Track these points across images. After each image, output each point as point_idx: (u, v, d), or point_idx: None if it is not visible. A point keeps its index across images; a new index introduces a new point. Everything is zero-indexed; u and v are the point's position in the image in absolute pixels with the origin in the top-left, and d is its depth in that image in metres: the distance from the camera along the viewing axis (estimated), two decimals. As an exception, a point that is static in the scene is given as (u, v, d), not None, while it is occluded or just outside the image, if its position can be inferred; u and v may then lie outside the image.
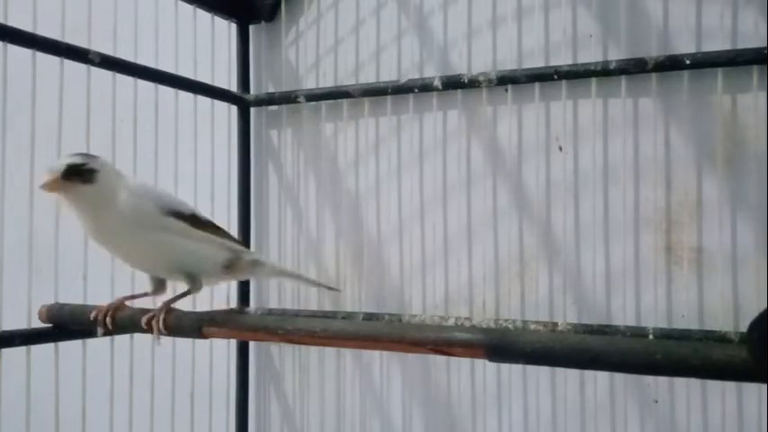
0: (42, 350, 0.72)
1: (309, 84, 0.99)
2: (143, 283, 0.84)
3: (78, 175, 0.63)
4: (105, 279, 0.80)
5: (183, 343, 0.83)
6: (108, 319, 0.68)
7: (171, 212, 0.67)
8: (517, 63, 0.86)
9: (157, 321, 0.65)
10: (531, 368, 0.84)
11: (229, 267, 0.71)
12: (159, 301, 0.69)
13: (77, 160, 0.64)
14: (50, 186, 0.63)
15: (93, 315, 0.69)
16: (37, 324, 0.72)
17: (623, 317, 0.80)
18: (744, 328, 0.45)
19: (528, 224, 0.86)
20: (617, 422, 0.81)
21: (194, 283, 0.69)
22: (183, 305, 0.87)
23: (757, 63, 0.74)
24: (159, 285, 0.72)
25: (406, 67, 0.93)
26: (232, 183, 0.99)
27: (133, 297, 0.71)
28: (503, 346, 0.53)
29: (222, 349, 0.96)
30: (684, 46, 0.79)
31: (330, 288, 0.89)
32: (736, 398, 0.76)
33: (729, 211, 0.77)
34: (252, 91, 1.02)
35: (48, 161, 0.74)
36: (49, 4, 0.75)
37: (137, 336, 0.79)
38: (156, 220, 0.66)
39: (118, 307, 0.69)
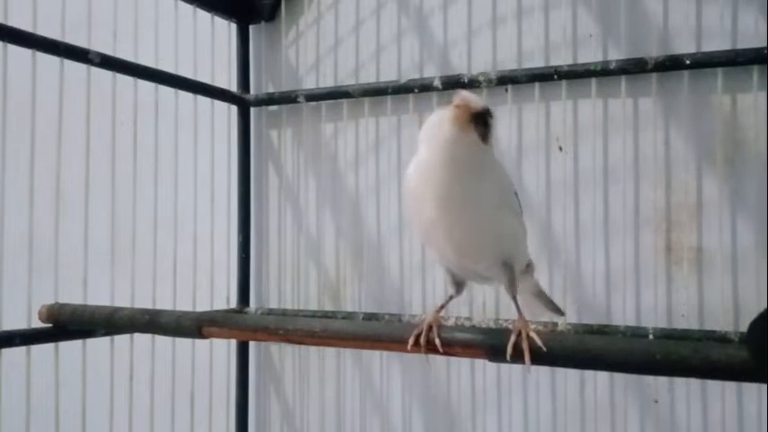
0: (42, 350, 0.72)
1: (309, 84, 0.99)
2: (144, 283, 0.85)
3: (484, 126, 0.53)
4: (105, 279, 0.80)
5: (183, 343, 0.83)
6: (438, 341, 0.55)
7: (513, 191, 0.58)
8: (517, 63, 0.86)
9: (529, 343, 0.52)
10: (532, 368, 0.83)
11: (527, 267, 0.61)
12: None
13: (489, 112, 0.54)
14: (462, 120, 0.52)
15: (412, 341, 0.55)
16: (37, 324, 0.72)
17: (623, 317, 0.80)
18: (744, 328, 0.45)
19: (528, 224, 0.85)
20: (617, 422, 0.81)
21: (511, 279, 0.57)
22: (184, 305, 0.88)
23: (757, 63, 0.74)
24: (460, 287, 0.61)
25: (406, 67, 0.93)
26: (232, 183, 0.99)
27: (442, 306, 0.60)
28: (503, 346, 0.53)
29: (222, 349, 0.96)
30: (684, 46, 0.79)
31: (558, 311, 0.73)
32: (736, 398, 0.76)
33: (729, 211, 0.77)
34: (252, 91, 1.02)
35: (47, 162, 0.74)
36: (49, 4, 0.75)
37: (136, 336, 0.79)
38: (510, 200, 0.57)
39: (438, 323, 0.56)
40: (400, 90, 0.90)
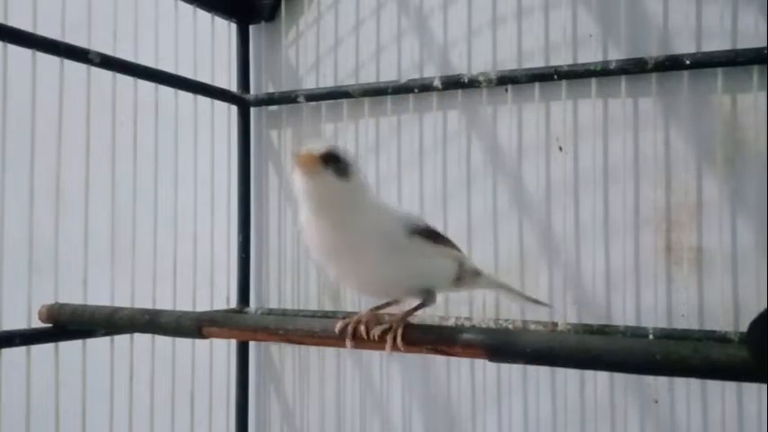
0: (42, 350, 0.72)
1: (309, 84, 0.99)
2: (144, 283, 0.85)
3: (335, 163, 0.55)
4: (105, 279, 0.80)
5: (183, 343, 0.83)
6: (362, 327, 0.59)
7: (413, 231, 0.59)
8: (517, 63, 0.86)
9: (394, 335, 0.57)
10: (531, 368, 0.84)
11: (458, 280, 0.64)
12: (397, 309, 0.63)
13: (337, 150, 0.56)
14: (308, 165, 0.54)
15: (339, 327, 0.59)
16: (37, 324, 0.72)
17: (623, 317, 0.80)
18: (744, 328, 0.45)
19: (528, 224, 0.86)
20: (617, 422, 0.81)
21: (430, 296, 0.62)
22: (184, 305, 0.88)
23: (757, 63, 0.74)
24: None
25: (406, 67, 0.93)
26: (232, 183, 0.99)
27: (379, 308, 0.63)
28: (503, 346, 0.53)
29: (222, 349, 0.96)
30: (684, 46, 0.79)
31: (541, 303, 0.75)
32: (736, 398, 0.76)
33: (729, 211, 0.77)
34: (252, 91, 1.02)
35: (47, 162, 0.74)
36: (49, 4, 0.75)
37: (136, 336, 0.79)
38: (402, 241, 0.58)
39: (370, 319, 0.60)
40: (400, 90, 0.90)
